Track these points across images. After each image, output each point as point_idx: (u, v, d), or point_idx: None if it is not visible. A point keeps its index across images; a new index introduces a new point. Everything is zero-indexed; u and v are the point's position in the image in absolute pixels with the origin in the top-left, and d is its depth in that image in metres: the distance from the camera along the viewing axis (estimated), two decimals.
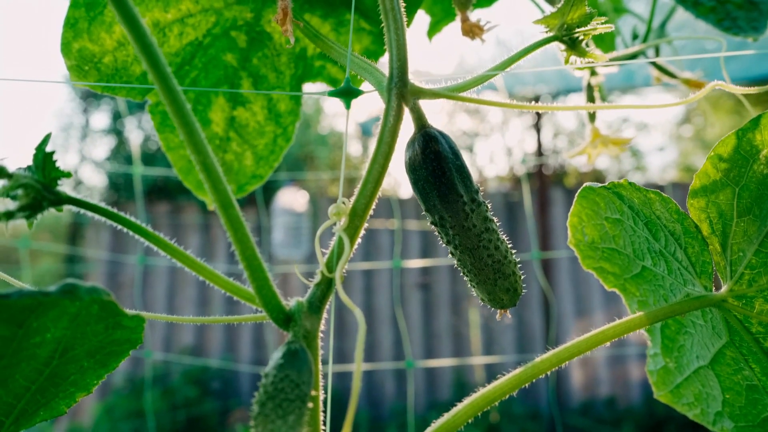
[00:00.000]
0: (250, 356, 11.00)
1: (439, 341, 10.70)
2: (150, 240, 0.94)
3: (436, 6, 1.84)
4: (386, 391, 10.61)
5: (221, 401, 10.67)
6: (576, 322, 10.37)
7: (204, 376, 10.88)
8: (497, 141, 15.13)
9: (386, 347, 10.67)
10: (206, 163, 0.82)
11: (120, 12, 0.78)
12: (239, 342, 11.13)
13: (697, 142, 16.67)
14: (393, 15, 0.99)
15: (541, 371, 0.97)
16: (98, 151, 16.65)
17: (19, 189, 0.83)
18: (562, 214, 10.90)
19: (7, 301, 0.73)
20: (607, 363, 10.16)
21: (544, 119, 12.36)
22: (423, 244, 10.99)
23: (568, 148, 15.57)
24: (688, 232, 1.05)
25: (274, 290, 0.90)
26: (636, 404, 10.08)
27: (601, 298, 10.49)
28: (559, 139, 15.43)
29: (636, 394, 10.20)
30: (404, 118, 1.03)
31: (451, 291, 10.92)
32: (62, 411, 0.99)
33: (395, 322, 10.72)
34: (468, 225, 1.04)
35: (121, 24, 0.77)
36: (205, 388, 10.78)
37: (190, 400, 10.28)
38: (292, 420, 0.78)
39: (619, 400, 10.15)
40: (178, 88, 0.80)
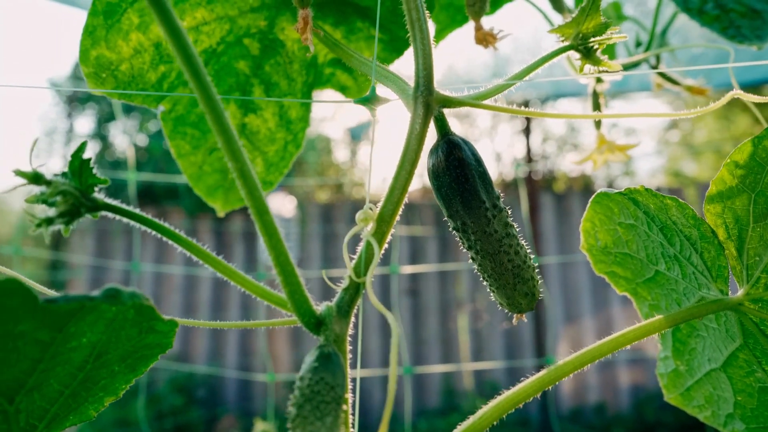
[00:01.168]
0: (237, 363, 10.97)
1: (427, 348, 10.72)
2: (185, 247, 0.95)
3: (442, 14, 1.86)
4: (375, 399, 10.61)
5: (207, 409, 10.64)
6: (565, 328, 10.42)
7: (190, 384, 10.84)
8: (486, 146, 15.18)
9: (375, 354, 10.68)
10: (243, 170, 0.84)
11: (160, 17, 0.79)
12: (225, 349, 11.10)
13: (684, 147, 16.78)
14: (419, 25, 1.01)
15: (565, 373, 0.98)
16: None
17: (58, 196, 0.84)
18: (551, 219, 10.96)
19: (54, 306, 0.74)
20: (597, 369, 10.21)
21: (533, 124, 12.42)
22: (411, 250, 11.01)
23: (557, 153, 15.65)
24: (704, 237, 1.07)
25: (306, 295, 0.91)
26: (625, 410, 10.13)
27: (590, 304, 10.55)
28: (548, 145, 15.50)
29: (625, 400, 10.25)
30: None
31: (439, 297, 10.95)
32: (91, 416, 1.00)
33: (384, 329, 10.73)
34: (490, 230, 1.06)
35: (160, 29, 0.78)
36: (191, 396, 10.74)
37: (176, 408, 10.24)
38: (329, 422, 0.80)
39: (608, 406, 10.20)
40: (216, 96, 0.81)
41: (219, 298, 11.24)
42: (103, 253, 11.45)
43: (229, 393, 10.96)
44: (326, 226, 11.38)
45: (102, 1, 1.31)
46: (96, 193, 0.89)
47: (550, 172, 14.81)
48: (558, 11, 1.69)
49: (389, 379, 0.80)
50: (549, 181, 14.13)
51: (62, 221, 0.85)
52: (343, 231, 11.24)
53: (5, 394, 0.85)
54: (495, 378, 10.66)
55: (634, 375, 10.38)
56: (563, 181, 14.50)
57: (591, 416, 10.11)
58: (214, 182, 1.68)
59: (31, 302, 0.73)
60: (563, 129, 15.45)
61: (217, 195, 1.70)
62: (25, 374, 0.84)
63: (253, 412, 10.58)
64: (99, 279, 11.41)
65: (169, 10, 0.78)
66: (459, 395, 10.52)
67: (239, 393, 10.90)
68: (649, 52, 1.80)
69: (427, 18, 1.03)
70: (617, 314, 10.45)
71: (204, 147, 1.62)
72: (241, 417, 10.44)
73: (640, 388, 10.27)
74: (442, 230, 11.14)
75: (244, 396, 10.89)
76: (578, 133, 15.70)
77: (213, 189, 1.69)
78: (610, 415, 10.08)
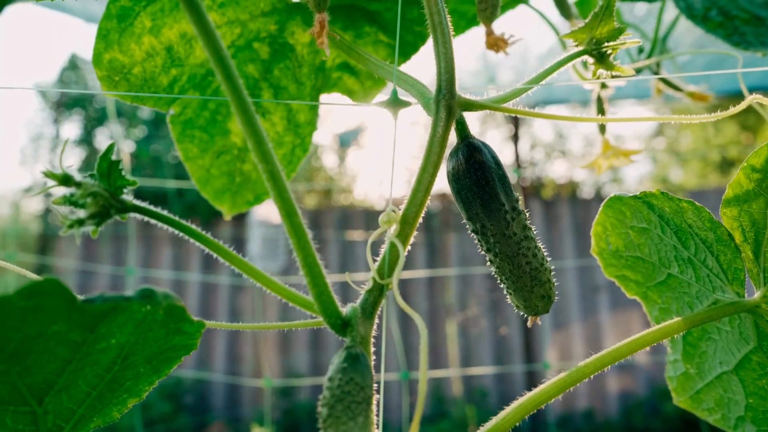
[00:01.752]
0: (224, 369, 10.93)
1: (416, 354, 10.71)
2: (211, 248, 0.95)
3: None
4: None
5: (196, 416, 10.60)
6: (554, 334, 10.45)
7: (177, 390, 10.79)
8: None
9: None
10: (273, 172, 0.84)
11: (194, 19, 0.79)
12: (213, 355, 11.07)
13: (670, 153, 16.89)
14: (441, 29, 1.02)
15: (585, 375, 0.99)
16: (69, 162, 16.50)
17: (88, 197, 0.84)
18: (540, 225, 10.99)
19: (90, 306, 0.74)
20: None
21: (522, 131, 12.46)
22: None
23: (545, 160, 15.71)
24: (720, 240, 1.08)
25: (332, 297, 0.92)
26: (614, 417, 10.16)
27: (579, 311, 10.59)
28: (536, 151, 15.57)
29: (613, 406, 10.28)
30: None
31: (428, 304, 10.96)
32: (115, 417, 1.00)
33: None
34: (509, 233, 1.07)
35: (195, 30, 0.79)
36: (179, 403, 10.70)
37: (164, 415, 10.18)
38: (361, 421, 0.80)
39: (596, 412, 10.23)
40: (248, 99, 0.82)
41: (207, 304, 11.21)
42: (90, 259, 11.40)
43: (217, 399, 10.93)
44: (314, 232, 11.33)
45: (116, 5, 1.31)
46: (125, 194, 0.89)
47: (538, 178, 14.88)
48: (566, 18, 1.71)
49: (420, 379, 0.81)
50: (537, 188, 14.19)
51: (93, 222, 0.85)
52: (331, 236, 11.24)
53: (35, 395, 0.85)
54: (484, 384, 10.67)
55: (623, 381, 10.42)
56: (551, 188, 14.56)
57: (580, 422, 10.14)
58: (221, 185, 1.68)
59: (68, 302, 0.73)
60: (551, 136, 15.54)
61: (225, 198, 1.70)
62: (55, 375, 0.84)
63: (242, 419, 10.55)
64: (86, 284, 11.36)
65: (203, 14, 0.79)
66: (448, 402, 10.53)
67: (227, 399, 10.86)
68: (653, 59, 1.82)
69: (449, 23, 1.04)
70: (605, 321, 10.49)
71: (212, 150, 1.62)
72: (229, 423, 10.40)
73: (628, 395, 10.31)
74: (430, 237, 11.16)
75: (233, 402, 10.85)
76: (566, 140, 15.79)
77: (220, 192, 1.69)
78: (598, 421, 10.11)
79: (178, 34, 1.41)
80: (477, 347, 10.72)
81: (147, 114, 14.24)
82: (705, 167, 16.87)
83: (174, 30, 1.40)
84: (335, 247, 11.25)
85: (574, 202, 11.30)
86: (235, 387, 10.76)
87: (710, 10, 1.63)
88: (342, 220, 11.43)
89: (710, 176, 16.59)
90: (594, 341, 10.44)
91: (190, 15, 0.79)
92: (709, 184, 15.95)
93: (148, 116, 14.29)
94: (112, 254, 11.45)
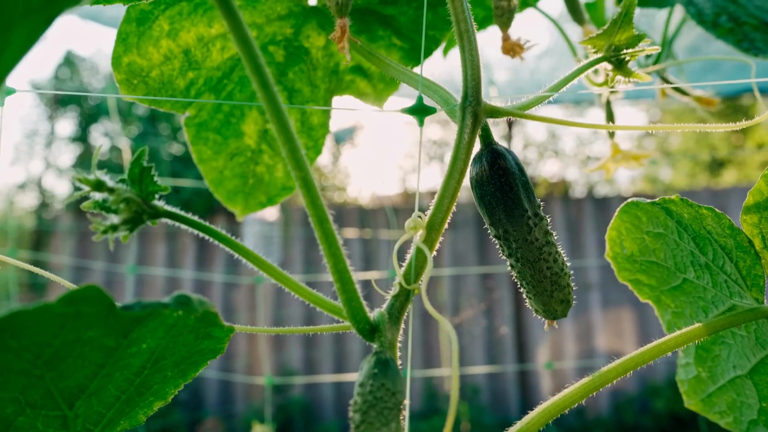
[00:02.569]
0: (218, 366, 10.93)
1: (415, 353, 10.74)
2: (239, 252, 0.96)
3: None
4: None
5: (189, 412, 10.59)
6: (544, 334, 10.47)
7: None
8: None
9: (356, 358, 10.69)
10: (306, 179, 0.85)
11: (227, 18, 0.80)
12: None
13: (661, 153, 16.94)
14: (468, 37, 1.03)
15: (609, 380, 1.00)
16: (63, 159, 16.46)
17: (121, 203, 0.84)
18: None
19: (128, 312, 0.75)
20: (576, 374, 10.27)
21: (515, 130, 12.48)
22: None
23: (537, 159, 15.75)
24: (740, 247, 1.10)
25: (361, 303, 0.93)
26: (605, 414, 10.21)
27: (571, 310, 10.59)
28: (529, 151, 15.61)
29: (604, 404, 10.32)
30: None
31: (420, 302, 10.95)
32: (141, 420, 1.01)
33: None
34: (531, 239, 1.08)
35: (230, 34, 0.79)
36: (173, 399, 10.64)
37: (158, 411, 10.14)
38: (394, 427, 0.81)
39: (588, 410, 10.27)
40: (282, 106, 0.82)
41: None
42: (84, 255, 11.37)
43: (211, 395, 10.92)
44: (308, 230, 11.36)
45: (135, 9, 1.32)
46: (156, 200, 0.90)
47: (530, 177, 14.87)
48: (578, 23, 1.72)
49: (452, 381, 0.81)
50: None
51: (126, 228, 0.85)
52: None
53: (67, 399, 0.85)
54: (476, 382, 10.69)
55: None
56: (544, 187, 14.61)
57: (571, 419, 10.18)
58: (234, 187, 1.68)
59: (107, 308, 0.73)
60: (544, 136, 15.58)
61: (237, 200, 1.70)
62: (88, 379, 0.84)
63: (236, 415, 10.54)
64: (80, 281, 11.28)
65: (240, 20, 0.79)
66: (440, 398, 10.55)
67: (221, 396, 10.85)
68: (662, 64, 1.83)
69: (475, 30, 1.05)
70: (597, 319, 10.52)
71: (225, 152, 1.63)
72: (223, 419, 10.40)
73: (619, 393, 10.35)
74: None
75: (226, 399, 10.84)
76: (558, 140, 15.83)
77: (233, 194, 1.69)
78: (589, 418, 10.15)
79: (196, 37, 1.41)
80: (469, 345, 10.74)
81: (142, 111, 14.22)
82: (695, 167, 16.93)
83: (191, 33, 1.40)
84: None
85: (567, 201, 11.32)
86: (229, 383, 10.75)
87: (720, 16, 1.64)
88: (336, 218, 11.40)
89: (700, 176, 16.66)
90: (586, 340, 10.48)
91: (224, 17, 0.80)
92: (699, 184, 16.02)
93: (144, 113, 14.26)
94: (106, 251, 11.42)
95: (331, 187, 15.08)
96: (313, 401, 10.73)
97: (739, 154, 15.17)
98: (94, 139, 15.28)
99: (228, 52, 1.47)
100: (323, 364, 10.78)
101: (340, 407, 10.66)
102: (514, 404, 10.46)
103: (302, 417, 10.45)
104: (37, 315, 0.69)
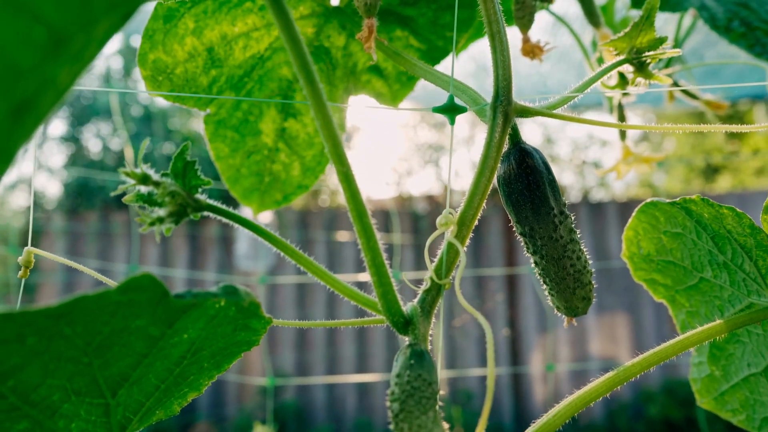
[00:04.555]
0: None
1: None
2: (280, 247, 0.97)
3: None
4: (348, 406, 10.63)
5: (181, 416, 10.56)
6: (539, 337, 10.51)
7: None
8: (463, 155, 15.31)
9: (348, 363, 10.70)
10: (348, 174, 0.87)
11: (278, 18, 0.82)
12: None
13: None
14: (499, 38, 1.05)
15: (633, 374, 1.03)
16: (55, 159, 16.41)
17: (167, 197, 0.86)
18: None
19: (179, 302, 0.76)
20: (569, 378, 10.30)
21: None
22: (387, 258, 11.03)
23: None
24: (760, 246, 1.12)
25: (396, 296, 0.95)
26: (598, 420, 10.23)
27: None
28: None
29: (598, 410, 10.35)
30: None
31: None
32: (175, 411, 1.02)
33: (359, 336, 10.76)
34: (556, 236, 1.10)
35: (279, 30, 0.81)
36: None
37: None
38: (432, 416, 0.83)
39: (580, 416, 10.26)
40: (327, 103, 0.84)
41: None
42: (77, 255, 11.35)
43: (203, 398, 10.90)
44: (303, 232, 11.37)
45: (163, 6, 1.33)
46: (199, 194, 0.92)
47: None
48: (594, 26, 1.74)
49: (488, 379, 0.84)
50: None
51: (171, 221, 0.87)
52: (320, 237, 11.25)
53: (110, 387, 0.87)
54: (469, 386, 10.71)
55: None
56: None
57: (564, 426, 10.19)
58: (250, 185, 1.70)
59: (158, 297, 0.75)
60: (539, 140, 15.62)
61: (253, 197, 1.72)
62: (131, 368, 0.86)
63: (227, 418, 10.54)
64: (72, 282, 11.29)
65: (291, 20, 0.81)
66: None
67: (213, 399, 10.84)
68: (673, 68, 1.86)
69: (506, 30, 1.07)
70: (591, 324, 10.55)
71: (242, 150, 1.65)
72: (215, 423, 10.39)
73: (612, 399, 10.38)
74: (418, 238, 11.18)
75: (217, 402, 10.83)
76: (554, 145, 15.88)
77: (249, 191, 1.71)
78: (582, 425, 10.18)
79: (219, 35, 1.43)
80: (463, 349, 10.76)
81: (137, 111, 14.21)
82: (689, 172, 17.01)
83: (215, 32, 1.42)
84: (322, 247, 11.25)
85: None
86: (221, 386, 10.74)
87: (732, 21, 1.67)
88: (329, 220, 11.44)
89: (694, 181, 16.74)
90: (579, 344, 10.51)
91: (275, 16, 0.81)
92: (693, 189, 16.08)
93: (138, 114, 14.25)
94: (98, 251, 11.40)
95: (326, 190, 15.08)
96: (306, 405, 10.73)
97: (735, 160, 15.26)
98: (86, 140, 15.24)
99: (249, 51, 1.49)
100: (316, 367, 10.78)
101: (333, 411, 10.66)
102: (507, 410, 10.48)
103: (295, 420, 10.46)
104: (94, 302, 0.71)
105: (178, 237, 11.33)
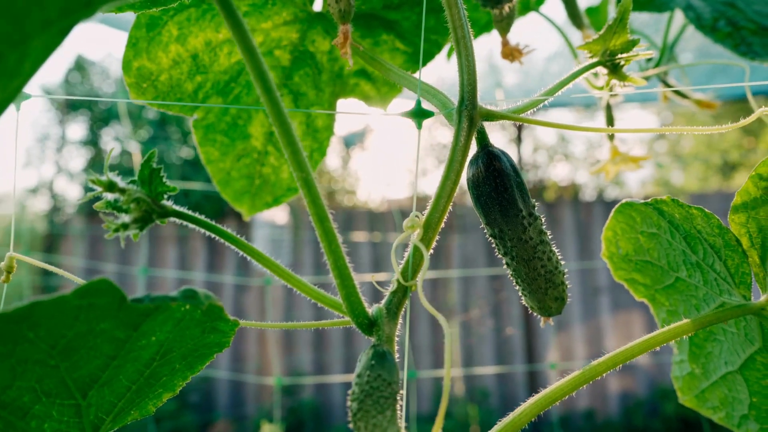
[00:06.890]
0: (228, 368, 10.98)
1: (419, 354, 10.77)
2: (245, 250, 1.00)
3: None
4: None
5: (200, 414, 10.64)
6: (555, 335, 10.48)
7: (182, 389, 10.80)
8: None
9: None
10: (307, 180, 0.89)
11: (232, 27, 0.84)
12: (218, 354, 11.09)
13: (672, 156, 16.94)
14: (464, 43, 1.07)
15: (617, 363, 1.05)
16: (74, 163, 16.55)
17: (132, 203, 0.89)
18: None
19: (137, 305, 0.79)
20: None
21: (525, 133, 12.50)
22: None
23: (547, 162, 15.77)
24: (728, 246, 1.13)
25: (360, 298, 0.97)
26: (614, 417, 10.21)
27: (580, 312, 10.62)
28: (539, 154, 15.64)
29: (614, 406, 10.32)
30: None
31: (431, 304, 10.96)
32: (150, 411, 1.05)
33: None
34: (525, 237, 1.12)
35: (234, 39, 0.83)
36: (184, 401, 10.75)
37: (168, 413, 10.23)
38: (389, 415, 0.85)
39: (597, 413, 10.27)
40: (285, 110, 0.87)
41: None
42: (96, 258, 11.45)
43: (222, 397, 10.97)
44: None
45: (145, 15, 1.36)
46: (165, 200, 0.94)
47: (540, 181, 14.93)
48: (577, 27, 1.76)
49: (444, 377, 0.85)
50: (540, 190, 14.23)
51: (136, 227, 0.90)
52: None
53: (80, 388, 0.90)
54: (486, 384, 10.72)
55: (624, 382, 10.47)
56: (553, 190, 14.61)
57: (580, 422, 10.18)
58: (240, 188, 1.73)
59: (118, 301, 0.78)
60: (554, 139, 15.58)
61: (244, 200, 1.75)
62: (100, 370, 0.89)
63: (246, 417, 10.60)
64: None
65: (244, 28, 0.84)
66: (450, 401, 10.56)
67: (231, 398, 10.91)
68: (661, 67, 1.87)
69: (471, 36, 1.09)
70: (606, 322, 10.53)
71: (232, 154, 1.67)
72: (234, 421, 10.46)
73: (629, 395, 10.35)
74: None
75: (237, 401, 10.90)
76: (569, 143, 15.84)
77: (240, 194, 1.74)
78: (599, 421, 10.16)
79: (203, 42, 1.46)
80: (479, 348, 10.76)
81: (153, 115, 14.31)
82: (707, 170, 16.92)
83: (199, 38, 1.45)
84: None
85: (576, 204, 11.33)
86: (240, 385, 10.81)
87: (718, 20, 1.67)
88: (346, 221, 11.47)
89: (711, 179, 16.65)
90: (594, 342, 10.48)
91: (228, 23, 0.84)
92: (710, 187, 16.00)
93: (154, 117, 14.35)
94: (117, 253, 11.50)
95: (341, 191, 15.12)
96: (324, 404, 10.77)
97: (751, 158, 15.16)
98: (105, 143, 15.37)
99: (235, 57, 1.52)
100: (333, 366, 10.83)
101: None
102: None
103: (312, 419, 10.50)
104: (52, 306, 0.73)
105: (196, 239, 11.41)
